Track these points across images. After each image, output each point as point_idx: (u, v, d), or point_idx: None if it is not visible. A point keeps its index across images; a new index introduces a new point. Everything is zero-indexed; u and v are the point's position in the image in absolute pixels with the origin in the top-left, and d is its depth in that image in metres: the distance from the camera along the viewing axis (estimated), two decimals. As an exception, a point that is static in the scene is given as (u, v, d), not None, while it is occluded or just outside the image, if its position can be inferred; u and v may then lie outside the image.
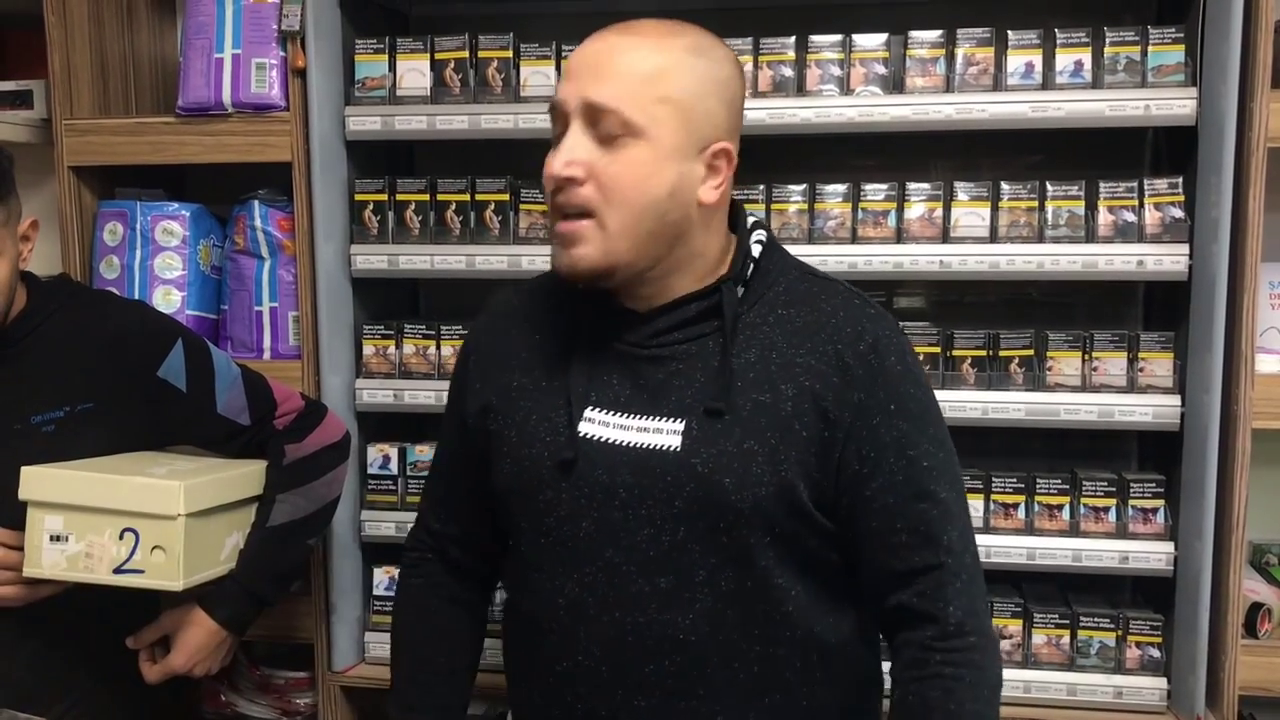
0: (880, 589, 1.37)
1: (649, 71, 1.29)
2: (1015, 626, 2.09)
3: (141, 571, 1.63)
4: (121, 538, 1.64)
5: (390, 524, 2.22)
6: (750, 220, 1.45)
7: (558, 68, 2.12)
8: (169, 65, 2.47)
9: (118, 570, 1.64)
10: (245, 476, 1.82)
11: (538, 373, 1.44)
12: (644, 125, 1.28)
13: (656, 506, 1.34)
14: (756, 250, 1.40)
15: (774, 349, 1.35)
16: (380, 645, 2.25)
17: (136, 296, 2.19)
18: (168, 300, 2.21)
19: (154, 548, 1.63)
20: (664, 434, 1.35)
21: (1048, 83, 2.00)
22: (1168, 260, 1.98)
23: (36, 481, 1.65)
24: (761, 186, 2.10)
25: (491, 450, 1.47)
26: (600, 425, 1.37)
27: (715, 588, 1.34)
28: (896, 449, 1.34)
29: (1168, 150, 2.18)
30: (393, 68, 2.17)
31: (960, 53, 2.02)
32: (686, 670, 1.36)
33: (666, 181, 1.30)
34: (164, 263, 2.22)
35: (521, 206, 2.17)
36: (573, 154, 1.29)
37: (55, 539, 1.65)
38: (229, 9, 2.15)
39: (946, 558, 1.33)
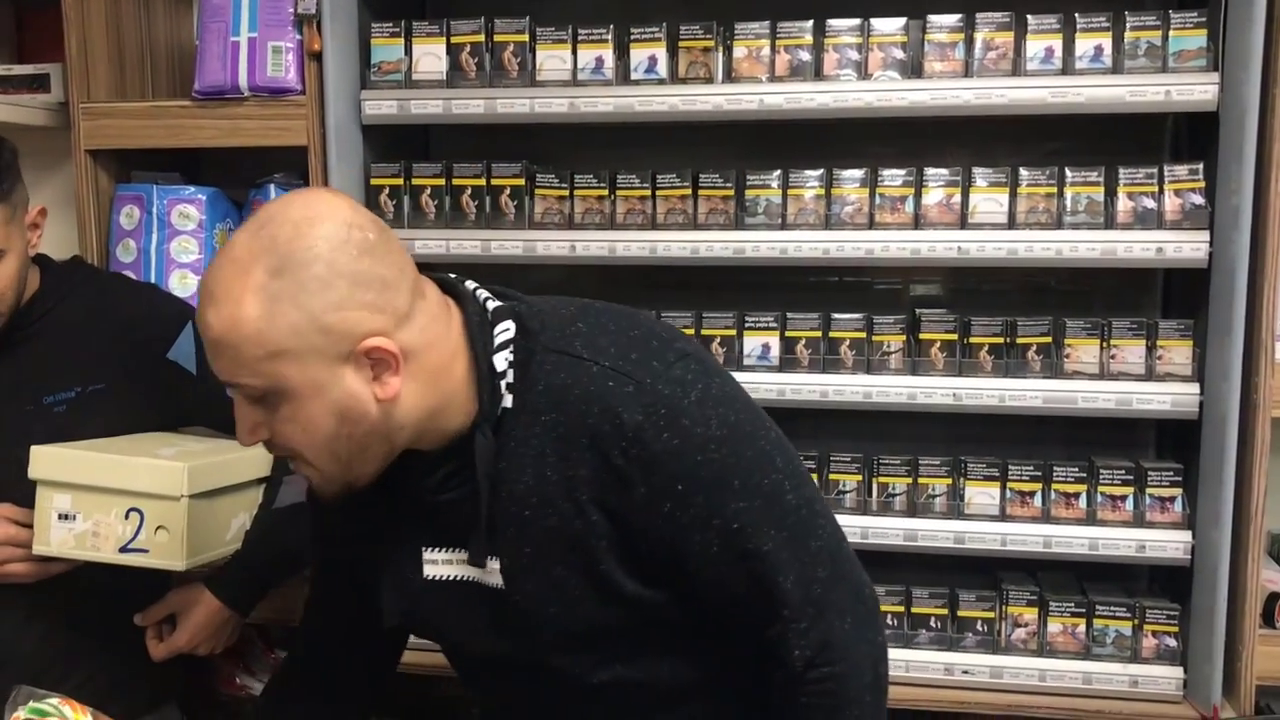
0: (737, 635, 1.34)
1: (243, 337, 1.17)
2: (1031, 615, 2.08)
3: (146, 551, 1.64)
4: (127, 517, 1.64)
5: (405, 508, 2.23)
6: (490, 309, 1.29)
7: (574, 52, 2.11)
8: (185, 49, 2.47)
9: (123, 549, 1.65)
10: (252, 459, 1.82)
11: (371, 512, 1.39)
12: (273, 385, 1.19)
13: (508, 634, 1.35)
14: (502, 362, 1.26)
15: (547, 465, 1.26)
16: (395, 629, 2.26)
17: (152, 280, 2.20)
18: (184, 284, 2.21)
19: (158, 528, 1.64)
20: (487, 572, 1.32)
21: (1067, 68, 1.98)
22: (1187, 247, 1.97)
23: (45, 461, 1.66)
24: (778, 172, 2.09)
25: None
26: (442, 565, 1.36)
27: (590, 682, 1.36)
28: (700, 525, 1.25)
29: (1188, 136, 2.16)
30: (409, 51, 2.16)
31: (979, 37, 2.01)
32: None
33: (327, 418, 1.20)
34: (180, 246, 2.22)
35: (537, 191, 2.16)
36: (244, 424, 1.24)
37: (63, 517, 1.65)
38: (245, -8, 2.15)
39: (783, 608, 1.27)
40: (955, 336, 2.06)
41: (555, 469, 1.25)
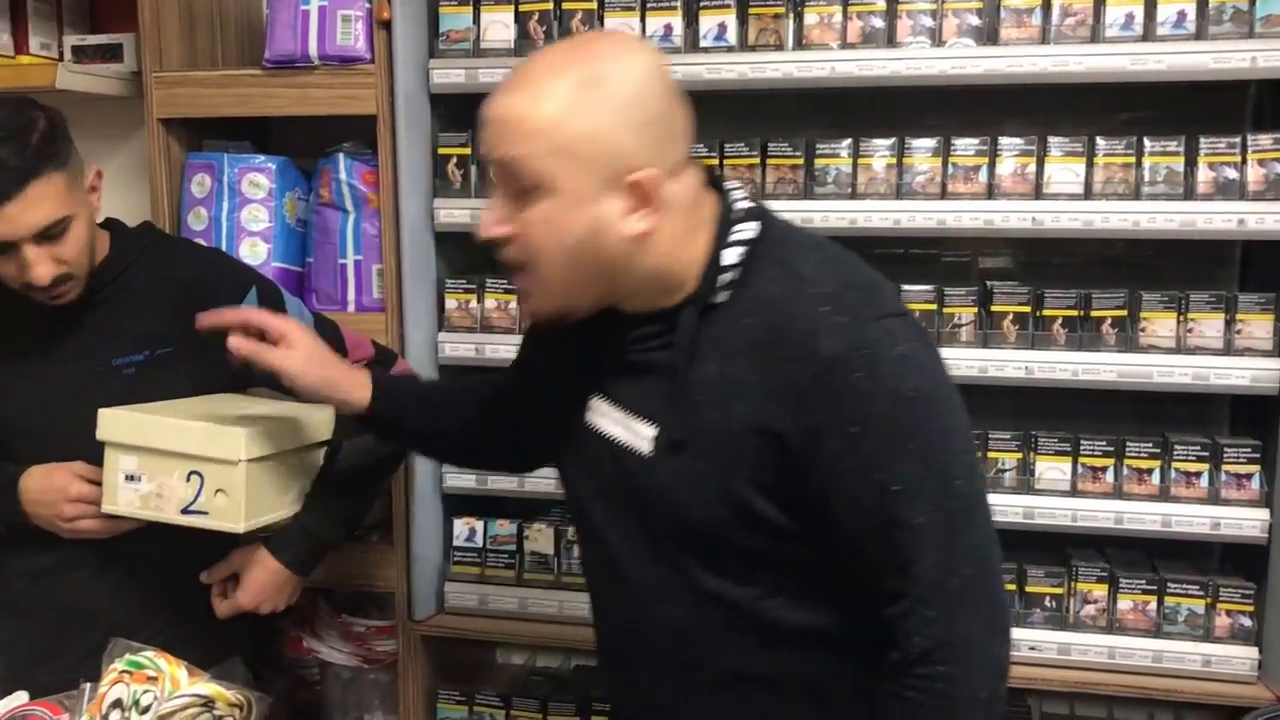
0: (861, 595, 1.30)
1: (539, 122, 1.22)
2: (1100, 591, 2.06)
3: (206, 513, 1.67)
4: (188, 480, 1.67)
5: (470, 476, 2.25)
6: (742, 209, 1.33)
7: (642, 19, 2.10)
8: (254, 18, 2.49)
9: (184, 511, 1.68)
10: (314, 422, 1.84)
11: (568, 353, 1.44)
12: (543, 177, 1.22)
13: (635, 505, 1.36)
14: (732, 256, 1.29)
15: (732, 363, 1.27)
16: (459, 596, 2.29)
17: (223, 248, 2.22)
18: (254, 252, 2.24)
19: (217, 490, 1.66)
20: (639, 438, 1.34)
21: (1148, 34, 1.94)
22: (1270, 219, 1.92)
23: (112, 423, 1.70)
24: (848, 141, 2.07)
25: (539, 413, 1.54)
26: (602, 416, 1.39)
27: (693, 587, 1.34)
28: (860, 473, 1.23)
29: (1271, 104, 2.10)
30: (476, 20, 2.16)
31: (1057, 3, 1.97)
32: (688, 653, 1.38)
33: (577, 230, 1.24)
34: (250, 215, 2.24)
35: (604, 160, 2.15)
36: (490, 217, 1.28)
37: (129, 478, 1.69)
38: (315, -39, 2.15)
39: (914, 588, 1.23)
40: (1028, 309, 2.03)
41: (739, 369, 1.26)
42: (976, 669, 1.25)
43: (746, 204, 1.34)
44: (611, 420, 1.38)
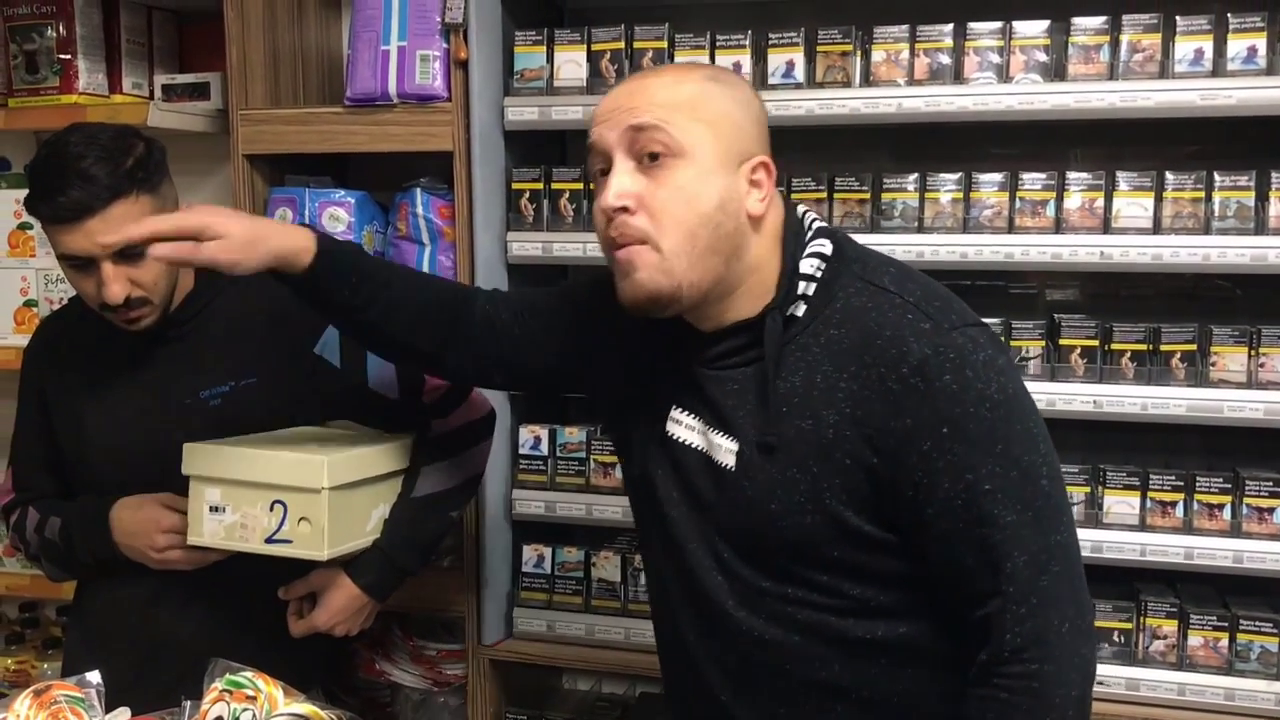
0: (951, 602, 1.34)
1: (680, 98, 1.33)
2: (1170, 627, 2.04)
3: (290, 542, 1.71)
4: (272, 509, 1.71)
5: (540, 503, 2.29)
6: (814, 227, 1.41)
7: (711, 58, 2.14)
8: (335, 58, 2.57)
9: (269, 540, 1.72)
10: (392, 450, 1.89)
11: (642, 361, 1.49)
12: (685, 144, 1.31)
13: (723, 517, 1.39)
14: (810, 267, 1.36)
15: (819, 373, 1.32)
16: (527, 621, 2.32)
17: (304, 280, 2.28)
18: (333, 283, 2.30)
19: (301, 519, 1.70)
20: (722, 450, 1.38)
21: (1218, 69, 1.94)
22: (1343, 253, 1.91)
23: (197, 456, 1.75)
24: (915, 175, 2.09)
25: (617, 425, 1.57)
26: (683, 428, 1.43)
27: (782, 595, 1.37)
28: (952, 474, 1.27)
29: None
30: (550, 59, 2.22)
31: (1125, 39, 1.98)
32: (768, 663, 1.39)
33: (714, 195, 1.32)
34: (330, 247, 2.31)
35: (672, 195, 2.19)
36: (621, 186, 1.32)
37: (214, 510, 1.74)
38: (395, 3, 2.22)
39: (1008, 585, 1.27)
40: (1096, 343, 2.03)
41: (827, 378, 1.32)
42: (1067, 666, 1.28)
43: (817, 223, 1.42)
44: (694, 432, 1.41)
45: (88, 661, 1.83)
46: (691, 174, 1.31)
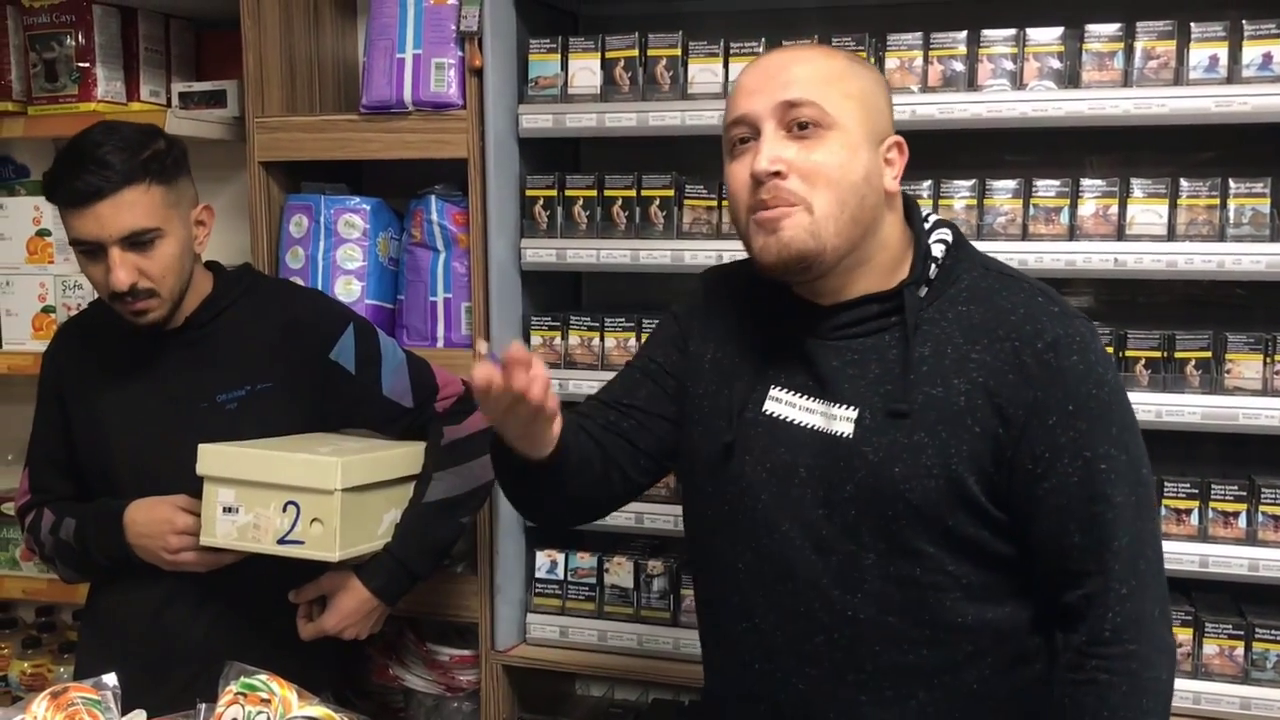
0: (1049, 584, 1.40)
1: (831, 72, 1.40)
2: (1185, 636, 2.03)
3: (302, 543, 1.73)
4: (285, 510, 1.73)
5: (552, 510, 2.29)
6: (931, 219, 1.49)
7: (725, 65, 2.15)
8: (349, 65, 2.59)
9: (281, 541, 1.74)
10: (404, 456, 1.90)
11: (731, 349, 1.52)
12: (837, 116, 1.37)
13: (830, 489, 1.40)
14: (939, 250, 1.44)
15: (949, 343, 1.38)
16: (540, 627, 2.33)
17: (319, 286, 2.30)
18: (348, 290, 2.32)
19: (313, 520, 1.72)
20: (838, 420, 1.40)
21: (1233, 76, 1.94)
22: (1359, 260, 1.90)
23: (211, 458, 1.77)
24: (929, 182, 2.09)
25: (684, 413, 1.55)
26: (785, 405, 1.45)
27: (883, 571, 1.38)
28: (1072, 450, 1.34)
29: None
30: (564, 66, 2.23)
31: (1139, 46, 1.97)
32: (855, 645, 1.40)
33: (860, 167, 1.38)
34: (345, 254, 2.33)
35: (686, 202, 2.21)
36: (774, 152, 1.37)
37: (227, 510, 1.76)
38: (410, 11, 2.23)
39: (1114, 563, 1.34)
40: (1111, 350, 2.03)
41: (958, 349, 1.38)
42: (1159, 649, 1.35)
43: (932, 213, 1.51)
44: (799, 409, 1.44)
45: (100, 663, 1.84)
46: (843, 143, 1.37)
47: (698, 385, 1.54)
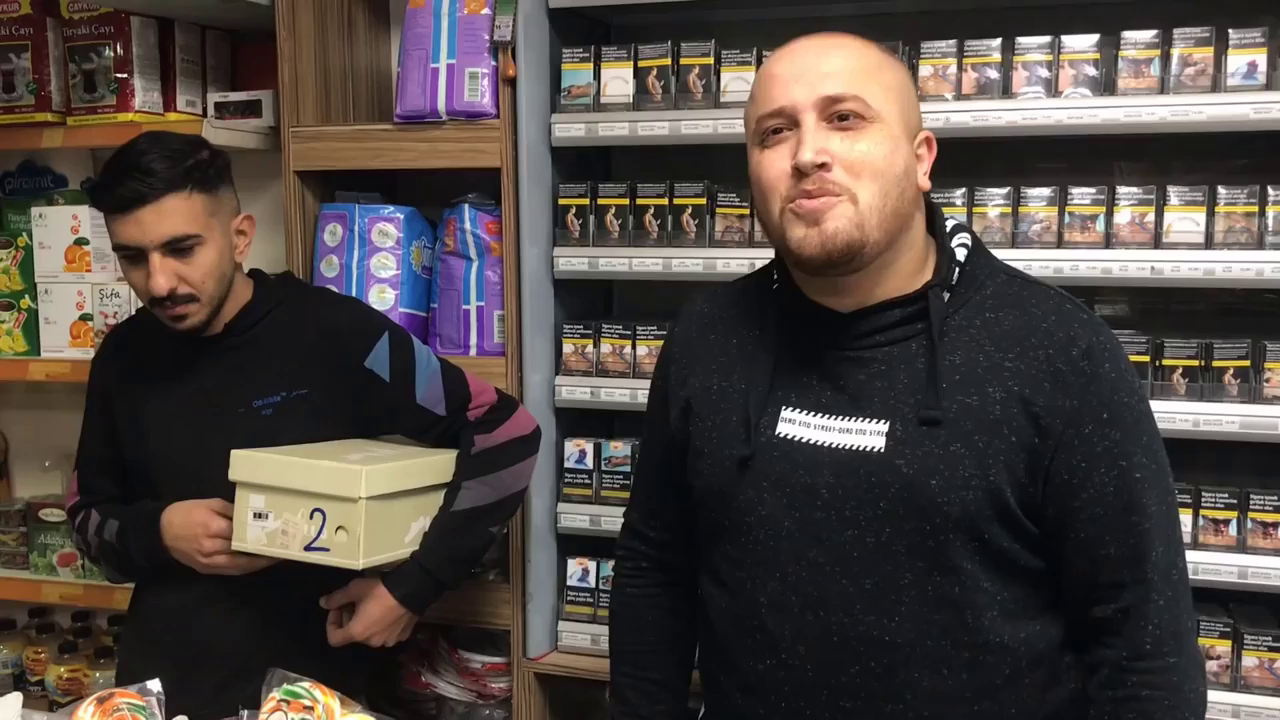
0: (1082, 599, 1.37)
1: (870, 64, 1.38)
2: (1224, 648, 2.01)
3: (328, 550, 1.74)
4: (311, 517, 1.75)
5: (584, 517, 2.29)
6: (950, 223, 1.47)
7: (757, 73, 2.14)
8: (384, 75, 2.61)
9: (308, 548, 1.75)
10: (434, 464, 1.91)
11: (736, 375, 1.48)
12: (879, 109, 1.35)
13: (860, 508, 1.36)
14: (961, 254, 1.42)
15: (980, 352, 1.36)
16: (572, 635, 2.32)
17: (353, 294, 2.32)
18: (382, 298, 2.33)
19: (338, 528, 1.73)
20: (867, 435, 1.36)
21: (1272, 83, 1.92)
22: (1401, 268, 1.88)
23: (243, 463, 1.79)
24: (962, 190, 2.08)
25: (690, 451, 1.51)
26: (800, 426, 1.40)
27: (921, 591, 1.35)
28: (1108, 459, 1.33)
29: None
30: (597, 75, 2.23)
31: (1176, 53, 1.96)
32: (893, 673, 1.36)
33: (902, 159, 1.37)
34: (379, 262, 2.34)
35: (718, 210, 2.21)
36: (820, 143, 1.34)
37: (258, 516, 1.77)
38: (444, 21, 2.25)
39: (1152, 574, 1.32)
40: (1147, 358, 2.01)
41: (989, 358, 1.35)
42: (1194, 661, 1.34)
43: (951, 219, 1.48)
44: (814, 428, 1.40)
45: (138, 663, 1.87)
46: (885, 135, 1.35)
47: (704, 419, 1.49)
